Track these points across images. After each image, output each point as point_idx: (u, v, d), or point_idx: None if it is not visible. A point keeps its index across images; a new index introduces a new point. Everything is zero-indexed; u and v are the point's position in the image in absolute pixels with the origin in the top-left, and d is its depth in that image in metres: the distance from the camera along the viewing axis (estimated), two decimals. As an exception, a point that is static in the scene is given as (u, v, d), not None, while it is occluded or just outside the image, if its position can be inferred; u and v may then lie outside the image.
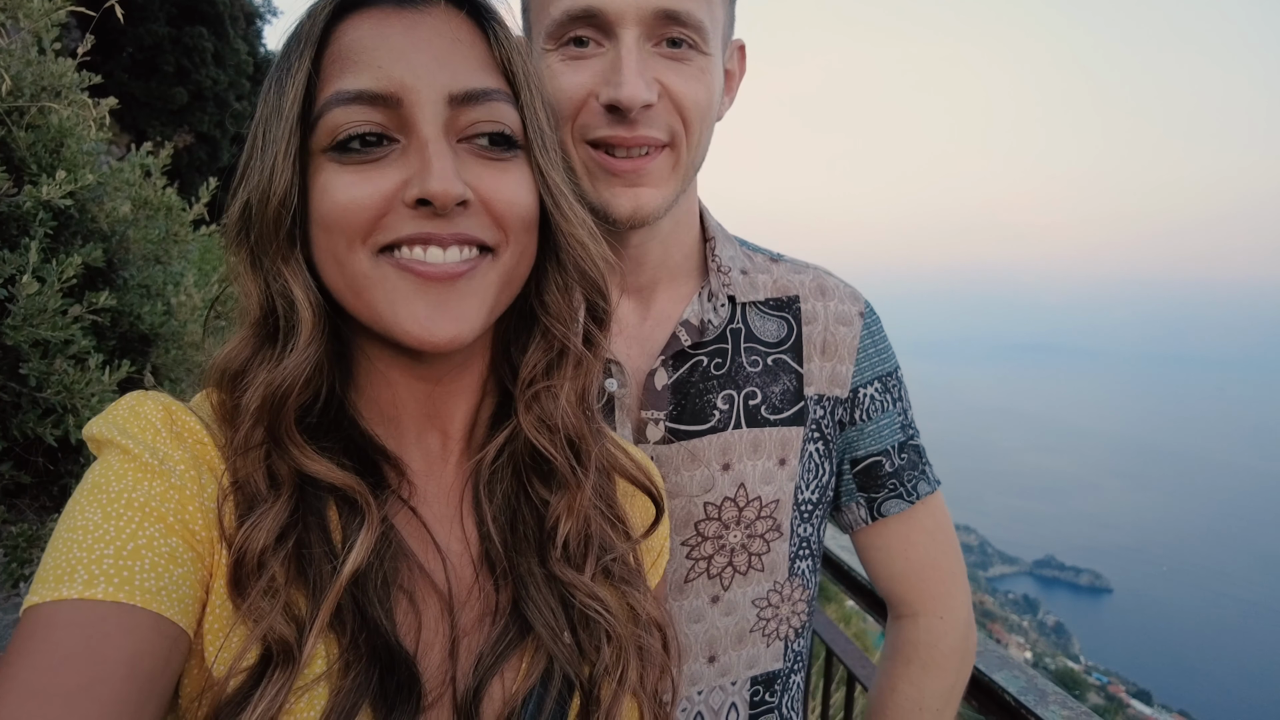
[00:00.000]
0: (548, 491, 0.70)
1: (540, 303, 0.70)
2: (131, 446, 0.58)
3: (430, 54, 0.60)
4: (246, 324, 0.64)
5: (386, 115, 0.59)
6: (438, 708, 0.62)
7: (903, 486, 1.10)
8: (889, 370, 1.10)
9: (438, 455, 0.71)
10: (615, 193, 0.91)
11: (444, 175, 0.58)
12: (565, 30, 0.87)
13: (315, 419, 0.64)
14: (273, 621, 0.55)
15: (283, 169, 0.60)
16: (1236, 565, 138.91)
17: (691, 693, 1.02)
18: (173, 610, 0.54)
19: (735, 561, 1.02)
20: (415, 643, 0.62)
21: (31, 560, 2.03)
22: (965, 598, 1.13)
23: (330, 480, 0.61)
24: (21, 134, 2.20)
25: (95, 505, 0.55)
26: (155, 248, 2.69)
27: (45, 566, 0.53)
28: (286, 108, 0.60)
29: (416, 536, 0.67)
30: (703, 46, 0.89)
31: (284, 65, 0.62)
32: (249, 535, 0.57)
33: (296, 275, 0.62)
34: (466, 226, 0.60)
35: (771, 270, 1.09)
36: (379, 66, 0.59)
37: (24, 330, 1.92)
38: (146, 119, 15.82)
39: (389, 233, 0.59)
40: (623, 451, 0.77)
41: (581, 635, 0.68)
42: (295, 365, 0.60)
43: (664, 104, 0.89)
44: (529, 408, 0.69)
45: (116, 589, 0.52)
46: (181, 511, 0.57)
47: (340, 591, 0.58)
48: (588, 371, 0.71)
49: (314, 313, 0.62)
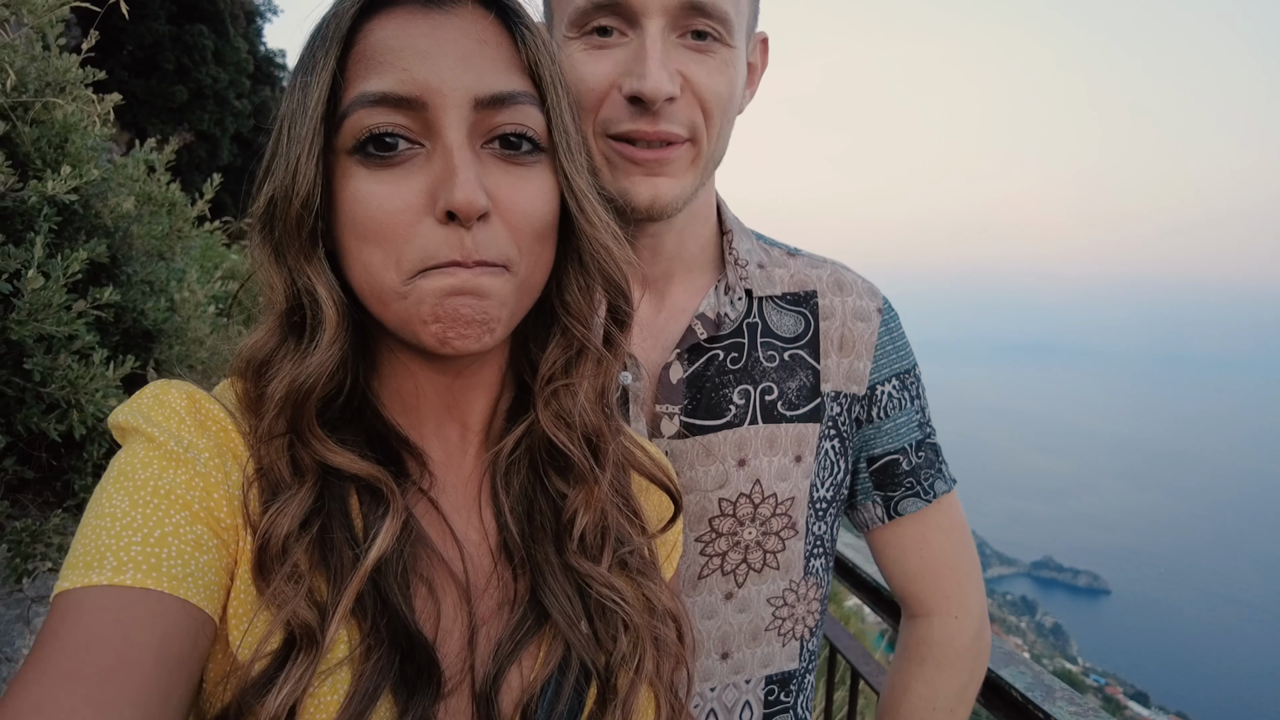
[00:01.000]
0: (565, 485, 0.71)
1: (561, 301, 0.70)
2: (157, 434, 0.59)
3: (456, 55, 0.60)
4: (272, 315, 0.64)
5: (411, 118, 0.59)
6: (457, 695, 0.62)
7: (920, 485, 1.09)
8: (907, 367, 1.09)
9: (456, 446, 0.72)
10: (634, 182, 0.90)
11: (468, 185, 0.58)
12: (588, 19, 0.86)
13: (338, 410, 0.65)
14: (296, 606, 0.56)
15: (306, 169, 0.60)
16: (1235, 567, 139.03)
17: (704, 689, 1.02)
18: (199, 596, 0.55)
19: (750, 558, 1.01)
20: (434, 630, 0.62)
21: (35, 556, 2.03)
22: (980, 597, 1.13)
23: (354, 471, 0.62)
24: (26, 129, 2.20)
25: (122, 493, 0.56)
26: (159, 244, 2.69)
27: (74, 553, 0.54)
28: (311, 106, 0.60)
29: (435, 526, 0.67)
30: (727, 39, 0.88)
31: (309, 63, 0.62)
32: (273, 521, 0.58)
33: (320, 274, 0.62)
34: (485, 248, 0.60)
35: (789, 265, 1.08)
36: (404, 69, 0.59)
37: (29, 325, 1.91)
38: (147, 117, 15.81)
39: (420, 256, 0.59)
40: (640, 448, 0.77)
41: (598, 624, 0.68)
42: (319, 363, 0.61)
43: (686, 96, 0.88)
44: (547, 404, 0.70)
45: (144, 575, 0.53)
46: (206, 499, 0.58)
47: (365, 578, 0.58)
48: (607, 370, 0.71)
49: (338, 311, 0.62)
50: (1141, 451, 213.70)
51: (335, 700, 0.57)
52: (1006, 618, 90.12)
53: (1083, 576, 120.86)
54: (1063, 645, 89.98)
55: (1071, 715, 1.28)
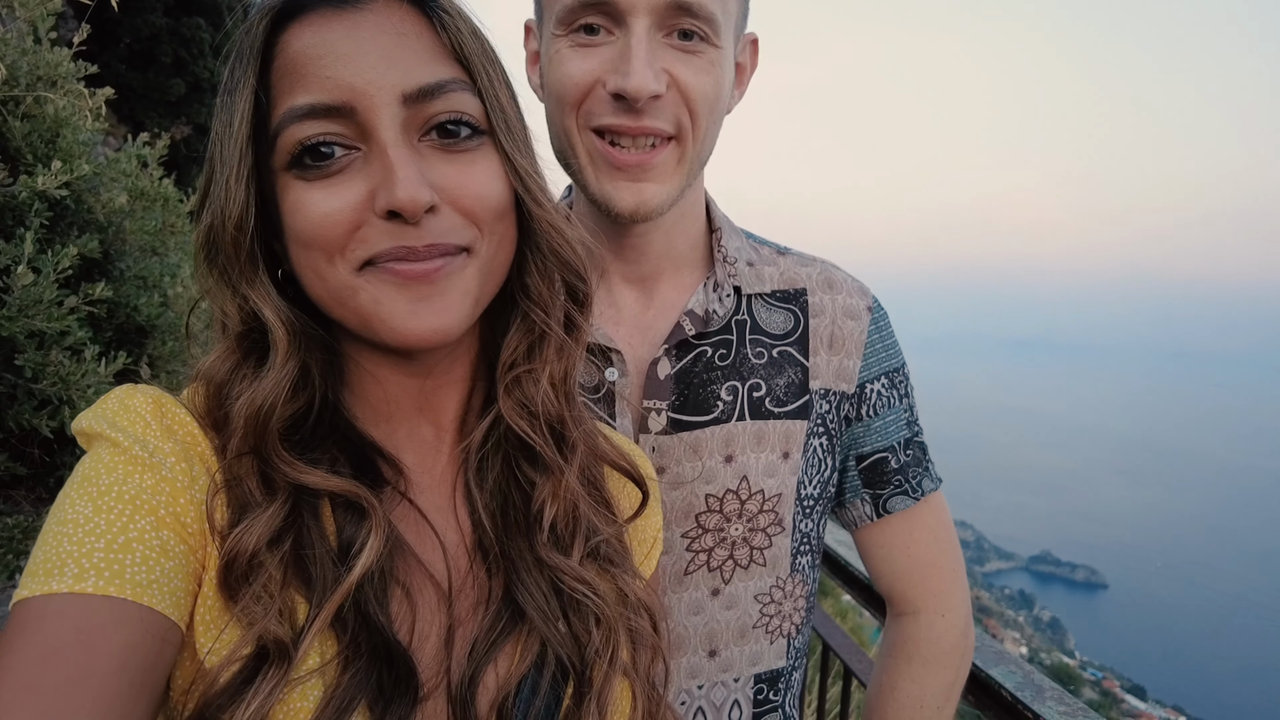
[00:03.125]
0: (535, 474, 0.70)
1: (521, 287, 0.69)
2: (121, 439, 0.58)
3: (377, 54, 0.58)
4: (228, 337, 0.63)
5: (343, 125, 0.58)
6: (433, 698, 0.62)
7: (908, 483, 1.09)
8: (896, 366, 1.09)
9: (431, 446, 0.71)
10: (618, 187, 0.90)
11: (408, 183, 0.56)
12: (576, 17, 0.87)
13: (309, 428, 0.64)
14: (267, 624, 0.55)
15: (236, 191, 0.59)
16: (1232, 562, 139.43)
17: (691, 686, 1.02)
18: (164, 603, 0.53)
19: (736, 555, 1.01)
20: (410, 635, 0.62)
21: (27, 552, 2.03)
22: (965, 595, 1.13)
23: (328, 489, 0.61)
24: (17, 124, 2.19)
25: (85, 498, 0.55)
26: (152, 239, 2.68)
27: (35, 560, 0.53)
28: (236, 126, 0.59)
29: (413, 529, 0.67)
30: (714, 39, 0.88)
31: (230, 82, 0.60)
32: (240, 539, 0.57)
33: (264, 296, 0.61)
34: (440, 234, 0.59)
35: (778, 262, 1.08)
36: (327, 76, 0.58)
37: (19, 321, 1.91)
38: (144, 110, 15.76)
39: (366, 247, 0.59)
40: (603, 436, 0.77)
41: (573, 619, 0.68)
42: (274, 382, 0.60)
43: (672, 95, 0.88)
44: (509, 392, 0.69)
45: (107, 582, 0.51)
46: (173, 504, 0.57)
47: (348, 593, 0.57)
48: (569, 355, 0.71)
49: (287, 331, 0.61)
50: (1141, 447, 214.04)
51: (307, 708, 0.56)
52: (1004, 612, 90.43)
53: (1080, 571, 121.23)
54: (1060, 639, 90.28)
55: (1060, 715, 1.28)
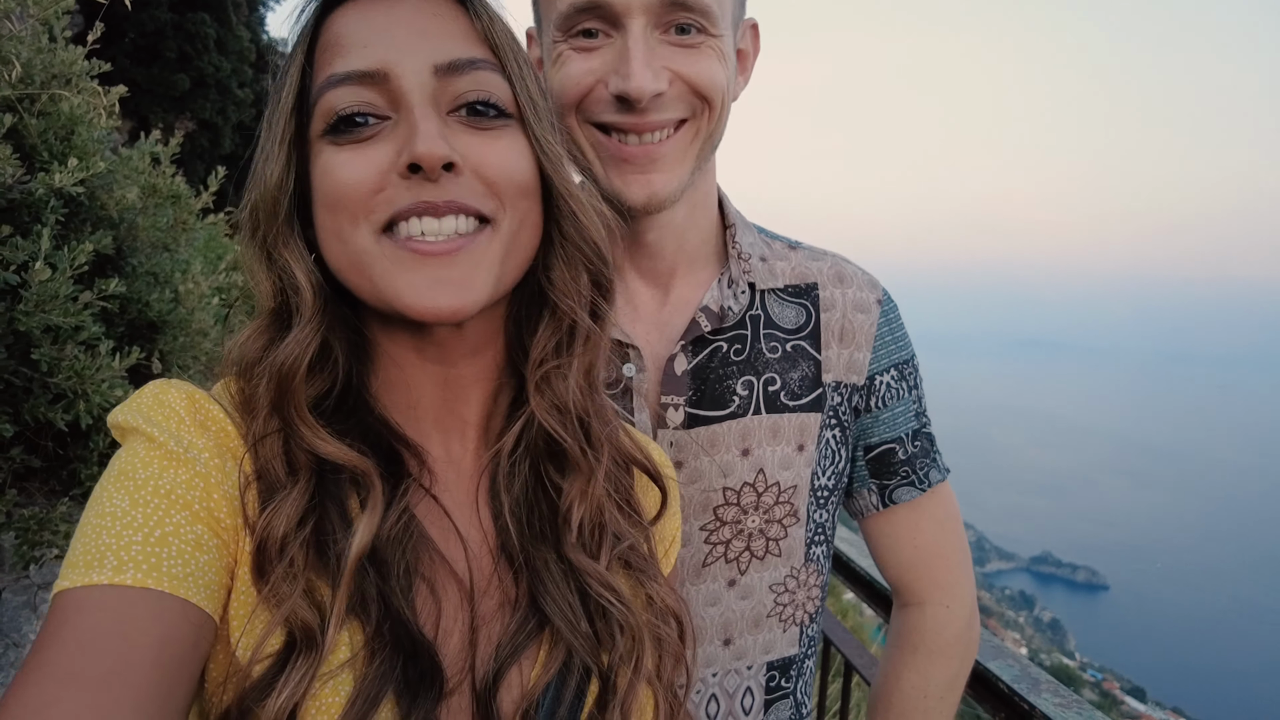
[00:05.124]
0: (561, 477, 0.71)
1: (547, 279, 0.70)
2: (156, 434, 0.59)
3: (412, 29, 0.63)
4: (261, 314, 0.65)
5: (376, 92, 0.61)
6: (457, 695, 0.63)
7: (915, 474, 1.11)
8: (905, 358, 1.11)
9: (456, 443, 0.72)
10: (627, 180, 0.91)
11: (429, 137, 0.59)
12: (573, 22, 0.88)
13: (333, 406, 0.65)
14: (294, 605, 0.56)
15: (278, 155, 0.63)
16: (1233, 563, 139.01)
17: (706, 674, 1.04)
18: (199, 596, 0.55)
19: (753, 546, 1.03)
20: (435, 629, 0.63)
21: (42, 542, 2.06)
22: (970, 586, 1.15)
23: (341, 460, 0.62)
24: (33, 121, 2.21)
25: (123, 492, 0.56)
26: (163, 235, 2.70)
27: (74, 552, 0.54)
28: (283, 98, 0.64)
29: (437, 524, 0.67)
30: (711, 29, 0.90)
31: (283, 69, 0.66)
32: (269, 521, 0.58)
33: (297, 257, 0.64)
34: (459, 193, 0.61)
35: (790, 257, 1.10)
36: (364, 46, 0.62)
37: (36, 316, 1.94)
38: (149, 105, 15.78)
39: (387, 207, 0.61)
40: (625, 432, 0.78)
41: (599, 625, 0.68)
42: (297, 340, 0.62)
43: (677, 88, 0.89)
44: (540, 390, 0.70)
45: (145, 575, 0.52)
46: (206, 499, 0.58)
47: (352, 574, 0.58)
48: (594, 347, 0.72)
49: (314, 291, 0.64)
50: (1143, 448, 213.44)
51: (338, 703, 0.56)
52: (1005, 612, 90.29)
53: (1081, 572, 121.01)
54: (1060, 640, 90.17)
55: (1056, 707, 1.31)
